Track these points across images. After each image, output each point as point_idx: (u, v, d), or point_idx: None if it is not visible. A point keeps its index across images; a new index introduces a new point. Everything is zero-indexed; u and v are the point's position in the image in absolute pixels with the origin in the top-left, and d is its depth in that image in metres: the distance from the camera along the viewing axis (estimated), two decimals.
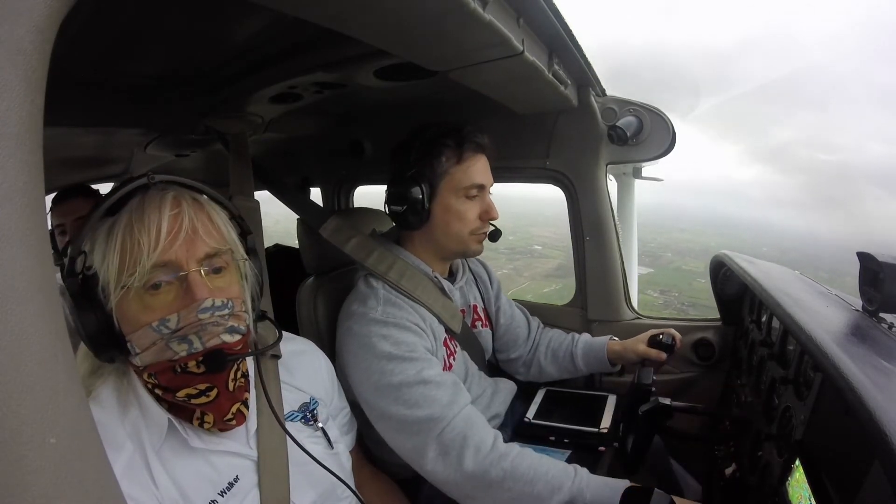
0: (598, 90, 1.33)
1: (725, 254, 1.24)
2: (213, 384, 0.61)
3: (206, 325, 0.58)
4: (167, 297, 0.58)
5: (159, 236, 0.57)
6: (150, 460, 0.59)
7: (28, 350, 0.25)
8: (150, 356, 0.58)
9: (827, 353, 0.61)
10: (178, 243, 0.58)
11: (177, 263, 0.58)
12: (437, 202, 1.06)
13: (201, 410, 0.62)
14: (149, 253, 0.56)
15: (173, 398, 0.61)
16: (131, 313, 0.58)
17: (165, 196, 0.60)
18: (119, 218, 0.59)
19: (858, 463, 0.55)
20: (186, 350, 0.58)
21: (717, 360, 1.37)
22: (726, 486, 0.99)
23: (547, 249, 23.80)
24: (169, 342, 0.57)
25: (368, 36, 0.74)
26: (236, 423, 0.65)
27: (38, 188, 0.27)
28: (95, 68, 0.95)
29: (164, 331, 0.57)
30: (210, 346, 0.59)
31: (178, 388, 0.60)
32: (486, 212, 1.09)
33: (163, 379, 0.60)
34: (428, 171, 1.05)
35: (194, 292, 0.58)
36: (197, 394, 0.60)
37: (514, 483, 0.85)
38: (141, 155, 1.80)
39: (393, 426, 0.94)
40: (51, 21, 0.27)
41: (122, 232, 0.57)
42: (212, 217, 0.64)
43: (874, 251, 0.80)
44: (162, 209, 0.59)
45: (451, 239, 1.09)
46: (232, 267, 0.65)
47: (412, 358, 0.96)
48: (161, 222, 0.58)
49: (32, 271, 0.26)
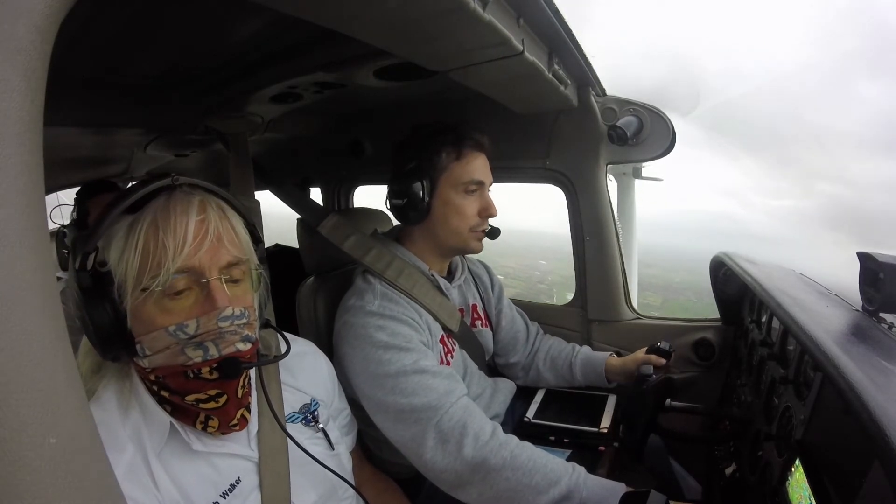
0: (598, 90, 1.33)
1: (725, 254, 1.24)
2: (223, 391, 0.61)
3: (224, 333, 0.58)
4: (186, 302, 0.58)
5: (185, 241, 0.56)
6: (151, 462, 0.59)
7: (28, 350, 0.25)
8: (161, 359, 0.57)
9: (827, 353, 0.61)
10: (202, 250, 0.58)
11: (200, 270, 0.58)
12: (437, 197, 1.08)
13: (206, 415, 0.62)
14: (174, 257, 0.55)
15: (181, 401, 0.60)
16: (147, 315, 0.57)
17: (192, 200, 0.59)
18: (141, 217, 0.57)
19: (858, 463, 0.55)
20: (202, 356, 0.57)
21: (717, 360, 1.37)
22: (726, 486, 0.99)
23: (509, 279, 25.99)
24: (184, 348, 0.57)
25: (368, 36, 0.74)
26: (239, 428, 0.65)
27: (38, 188, 0.27)
28: (95, 68, 0.95)
29: (181, 336, 0.56)
30: (226, 353, 0.58)
31: (188, 392, 0.59)
32: (485, 208, 1.09)
33: (172, 382, 0.59)
34: (428, 166, 1.07)
35: (215, 299, 0.57)
36: (206, 399, 0.60)
37: (512, 473, 0.85)
38: (141, 155, 1.80)
39: (391, 417, 0.94)
40: (51, 21, 0.27)
41: (145, 232, 0.56)
42: (234, 225, 0.63)
43: (874, 252, 0.80)
44: (189, 213, 0.58)
45: (450, 234, 1.10)
46: (247, 276, 0.64)
47: (408, 348, 0.97)
48: (188, 227, 0.57)
49: (32, 271, 0.26)
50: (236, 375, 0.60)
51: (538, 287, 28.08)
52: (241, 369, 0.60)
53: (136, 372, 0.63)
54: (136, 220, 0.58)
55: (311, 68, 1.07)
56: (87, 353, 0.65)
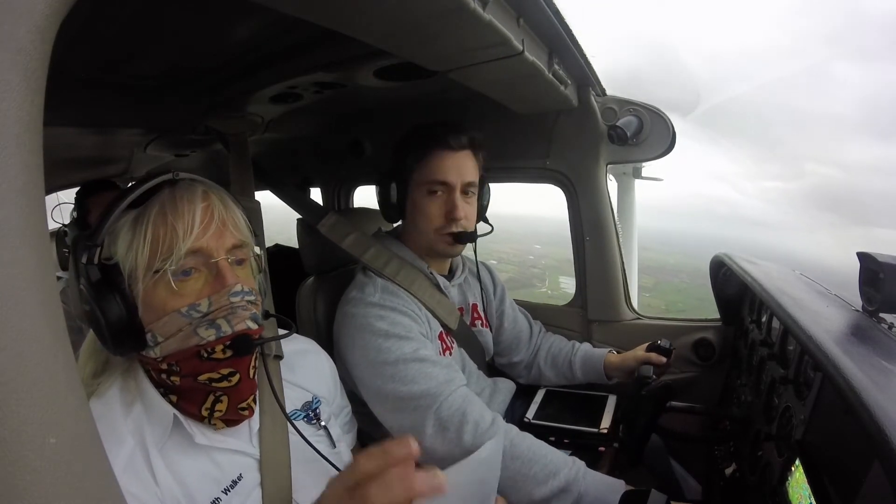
0: (598, 90, 1.33)
1: (725, 254, 1.24)
2: (236, 369, 0.62)
3: (236, 308, 0.60)
4: (196, 284, 0.60)
5: (193, 223, 0.59)
6: (151, 457, 0.59)
7: (28, 350, 0.25)
8: (174, 343, 0.59)
9: (827, 353, 0.61)
10: (209, 233, 0.61)
11: (208, 251, 0.60)
12: (409, 198, 1.10)
13: (216, 398, 0.63)
14: (184, 237, 0.58)
15: (192, 382, 0.61)
16: (158, 300, 0.59)
17: (195, 189, 0.63)
18: (147, 208, 0.60)
19: (858, 463, 0.55)
20: (214, 334, 0.59)
21: (717, 360, 1.37)
22: (726, 486, 0.99)
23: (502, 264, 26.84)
24: (197, 328, 0.59)
25: (368, 36, 0.74)
26: (248, 414, 0.66)
27: (38, 188, 0.27)
28: (95, 68, 0.95)
29: (194, 315, 0.58)
30: (238, 329, 0.60)
31: (201, 372, 0.61)
32: (449, 210, 1.07)
33: (186, 367, 0.60)
34: (401, 167, 1.09)
35: (225, 277, 0.60)
36: (219, 378, 0.61)
37: (511, 461, 0.85)
38: (141, 155, 1.80)
39: (390, 405, 0.94)
40: (51, 21, 0.27)
41: (153, 221, 0.59)
42: (235, 212, 0.66)
43: (874, 251, 0.80)
44: (195, 201, 0.61)
45: (420, 235, 1.12)
46: (248, 261, 0.67)
47: (408, 337, 0.97)
48: (195, 211, 0.60)
49: (32, 271, 0.26)
50: (249, 351, 0.62)
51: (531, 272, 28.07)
52: (253, 345, 0.62)
53: (140, 367, 0.64)
54: (142, 213, 0.60)
55: (311, 68, 1.07)
56: (89, 355, 0.66)
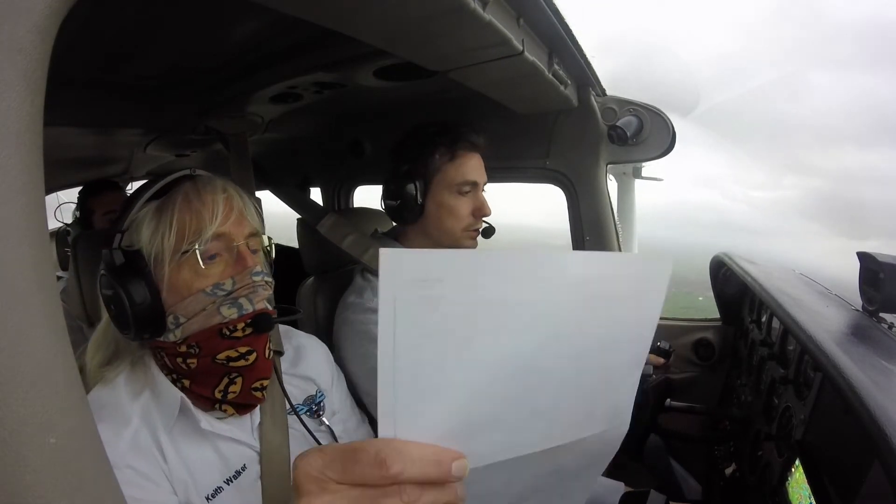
0: (598, 90, 1.33)
1: (725, 254, 1.24)
2: (253, 348, 0.65)
3: (257, 287, 0.65)
4: (218, 267, 0.64)
5: (217, 210, 0.64)
6: (160, 438, 0.61)
7: (28, 350, 0.25)
8: (196, 323, 0.62)
9: (827, 353, 0.61)
10: (230, 220, 0.65)
11: (230, 236, 0.65)
12: (431, 198, 1.09)
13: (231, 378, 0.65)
14: (211, 221, 0.63)
15: (211, 363, 0.63)
16: (183, 282, 0.62)
17: (215, 182, 0.68)
18: (171, 199, 0.64)
19: (858, 463, 0.55)
20: (237, 313, 0.63)
21: (717, 360, 1.37)
22: (726, 486, 0.99)
23: None
24: (220, 307, 0.62)
25: (368, 36, 0.74)
26: (259, 397, 0.68)
27: (38, 188, 0.27)
28: (95, 68, 0.95)
29: (218, 293, 0.62)
30: (258, 308, 0.64)
31: (219, 351, 0.63)
32: (479, 208, 1.10)
33: (206, 346, 0.63)
34: (422, 167, 1.07)
35: (246, 259, 0.65)
36: (237, 357, 0.64)
37: None
38: (141, 155, 1.80)
39: None
40: (51, 21, 0.27)
41: (178, 209, 0.63)
42: (249, 205, 0.70)
43: (874, 251, 0.80)
44: (216, 191, 0.66)
45: (443, 235, 1.11)
46: (260, 251, 0.71)
47: None
48: (217, 200, 0.65)
49: (32, 271, 0.26)
50: (268, 328, 0.65)
51: None
52: (272, 322, 0.66)
53: (152, 355, 0.66)
54: (165, 202, 0.64)
55: (311, 68, 1.07)
56: (99, 345, 0.68)
